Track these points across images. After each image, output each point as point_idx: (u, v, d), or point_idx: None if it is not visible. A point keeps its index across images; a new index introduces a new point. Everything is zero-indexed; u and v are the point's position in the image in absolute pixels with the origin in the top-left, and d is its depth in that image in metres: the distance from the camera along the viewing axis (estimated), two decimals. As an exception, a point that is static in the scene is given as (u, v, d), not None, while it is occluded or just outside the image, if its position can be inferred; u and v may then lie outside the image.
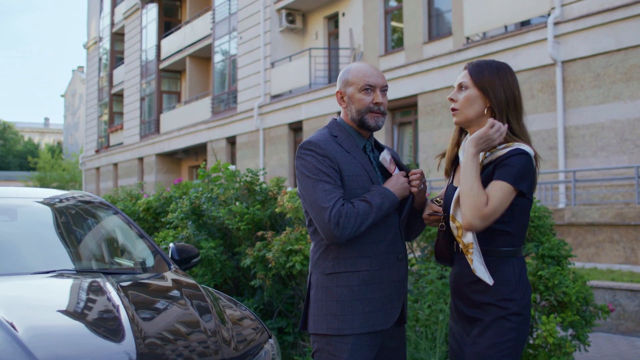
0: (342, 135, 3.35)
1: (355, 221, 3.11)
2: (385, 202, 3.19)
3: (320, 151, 3.22)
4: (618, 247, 12.91)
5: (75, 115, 68.28)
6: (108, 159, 43.02)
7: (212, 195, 6.80)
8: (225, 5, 29.94)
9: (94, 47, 48.31)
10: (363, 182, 3.26)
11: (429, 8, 20.40)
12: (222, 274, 6.65)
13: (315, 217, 3.18)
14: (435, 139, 19.14)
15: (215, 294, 4.15)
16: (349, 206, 3.13)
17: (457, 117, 3.25)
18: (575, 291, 5.33)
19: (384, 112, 3.37)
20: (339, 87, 3.41)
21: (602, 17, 14.67)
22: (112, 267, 4.58)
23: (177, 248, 4.92)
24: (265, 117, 26.31)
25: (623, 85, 14.33)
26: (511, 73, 3.21)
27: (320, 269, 3.30)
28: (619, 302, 8.71)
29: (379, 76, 3.37)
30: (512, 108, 3.16)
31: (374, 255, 3.26)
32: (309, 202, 3.20)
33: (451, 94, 3.27)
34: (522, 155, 3.04)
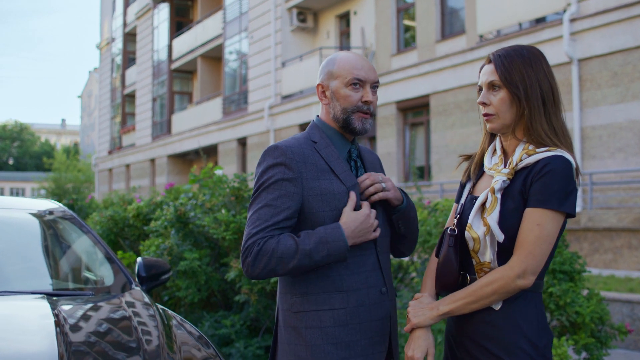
0: (323, 142, 2.81)
1: (267, 263, 2.58)
2: (321, 250, 2.60)
3: (282, 160, 2.69)
4: (637, 253, 12.35)
5: (91, 116, 68.48)
6: (120, 160, 42.82)
7: (198, 202, 6.32)
8: (236, 5, 29.61)
9: (107, 47, 48.23)
10: (336, 202, 2.71)
11: (442, 6, 19.94)
12: (208, 286, 6.17)
13: (243, 238, 2.69)
14: (448, 139, 18.65)
15: (172, 318, 3.65)
16: (271, 243, 2.59)
17: (493, 123, 2.66)
18: (590, 311, 4.81)
19: (372, 113, 2.83)
20: (321, 79, 2.86)
21: (619, 14, 14.17)
22: (60, 287, 4.05)
23: (144, 264, 4.43)
24: (276, 118, 25.92)
25: (642, 84, 13.79)
26: (545, 59, 2.64)
27: (287, 305, 2.77)
28: (637, 316, 8.17)
29: (369, 69, 2.82)
30: (551, 103, 2.59)
31: (350, 289, 2.71)
32: (248, 215, 2.71)
33: (481, 96, 2.69)
34: (564, 163, 2.47)
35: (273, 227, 2.61)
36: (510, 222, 2.51)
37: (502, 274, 2.46)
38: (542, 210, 2.44)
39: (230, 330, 5.83)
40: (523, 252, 2.44)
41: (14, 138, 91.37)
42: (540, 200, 2.44)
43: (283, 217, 2.63)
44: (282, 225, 2.63)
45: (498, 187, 2.56)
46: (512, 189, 2.55)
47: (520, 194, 2.52)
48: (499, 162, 2.67)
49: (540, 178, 2.46)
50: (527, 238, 2.44)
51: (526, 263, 2.43)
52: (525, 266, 2.43)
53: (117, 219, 8.51)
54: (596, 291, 5.20)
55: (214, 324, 6.02)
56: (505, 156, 2.67)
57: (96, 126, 56.97)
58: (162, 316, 3.55)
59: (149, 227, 6.81)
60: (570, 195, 2.46)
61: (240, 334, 5.87)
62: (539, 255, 2.44)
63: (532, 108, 2.55)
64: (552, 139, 2.55)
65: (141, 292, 3.99)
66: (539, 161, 2.50)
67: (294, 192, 2.66)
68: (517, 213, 2.51)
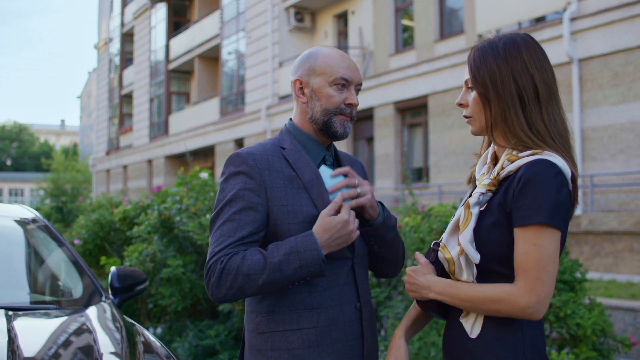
0: (293, 148, 2.54)
1: (233, 282, 2.30)
2: (292, 262, 2.32)
3: (243, 169, 2.43)
4: (638, 257, 12.10)
5: (90, 116, 68.35)
6: (118, 160, 42.60)
7: (182, 206, 6.06)
8: (234, 4, 29.40)
9: (105, 48, 48.04)
10: (304, 215, 2.43)
11: (441, 5, 19.71)
12: (193, 294, 5.92)
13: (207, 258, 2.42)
14: (447, 140, 18.41)
15: (138, 334, 3.38)
16: (235, 259, 2.31)
17: (473, 126, 2.33)
18: (592, 322, 4.54)
19: (354, 117, 2.56)
20: (299, 73, 2.57)
21: (621, 12, 13.92)
22: (22, 301, 3.75)
23: (118, 274, 4.16)
24: (273, 119, 25.68)
25: (644, 84, 13.55)
26: (528, 48, 2.23)
27: (252, 326, 2.49)
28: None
29: (355, 69, 2.56)
30: (531, 99, 2.18)
31: (321, 306, 2.43)
32: (210, 233, 2.44)
33: (459, 97, 2.36)
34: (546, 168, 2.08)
35: (237, 243, 2.34)
36: (487, 239, 2.16)
37: (510, 299, 2.08)
38: (533, 228, 2.06)
39: (215, 340, 5.59)
40: (530, 279, 2.06)
41: (12, 139, 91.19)
42: (527, 216, 2.07)
43: (247, 231, 2.37)
44: (248, 240, 2.37)
45: (474, 201, 2.22)
46: (493, 201, 2.20)
47: (500, 206, 2.16)
48: (485, 171, 2.33)
49: (521, 189, 2.09)
50: (528, 263, 2.07)
51: (536, 293, 2.05)
52: (536, 298, 2.05)
53: (103, 222, 8.26)
54: (598, 301, 4.94)
55: (198, 334, 5.77)
56: (495, 164, 2.33)
57: (94, 127, 56.79)
58: (128, 332, 3.28)
59: (131, 232, 6.55)
60: (559, 206, 2.07)
61: (225, 345, 5.62)
62: (547, 281, 2.06)
63: (505, 107, 2.18)
64: (534, 140, 2.16)
65: (109, 305, 3.72)
66: (520, 167, 2.13)
67: (258, 203, 2.40)
68: (496, 229, 2.15)
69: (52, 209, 12.36)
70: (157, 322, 6.65)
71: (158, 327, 6.50)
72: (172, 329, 6.18)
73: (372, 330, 2.59)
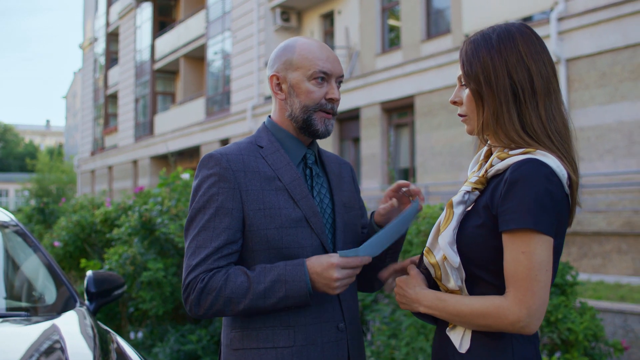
0: (271, 146, 2.37)
1: (213, 303, 2.17)
2: (277, 291, 2.16)
3: (215, 171, 2.26)
4: (626, 257, 12.02)
5: (75, 117, 68.11)
6: (103, 161, 42.34)
7: (164, 207, 5.91)
8: (219, 4, 29.24)
9: (90, 48, 47.78)
10: (282, 219, 2.26)
11: (427, 5, 19.62)
12: (174, 298, 5.76)
13: (183, 271, 2.26)
14: (433, 141, 18.31)
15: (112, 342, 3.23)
16: (217, 279, 2.16)
17: (469, 125, 2.16)
18: (584, 327, 4.43)
19: (335, 113, 2.39)
20: (276, 68, 2.40)
21: (608, 12, 13.85)
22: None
23: (95, 278, 4.00)
24: (259, 119, 25.53)
25: (631, 84, 13.49)
26: (525, 39, 2.05)
27: (227, 341, 2.33)
28: (631, 327, 7.78)
29: (335, 61, 2.38)
30: (528, 94, 2.01)
31: (299, 324, 2.26)
32: (185, 243, 2.28)
33: (453, 94, 2.19)
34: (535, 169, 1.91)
35: (216, 256, 2.19)
36: (472, 241, 2.00)
37: (498, 313, 1.91)
38: (522, 234, 1.88)
39: (197, 346, 5.44)
40: (520, 290, 1.89)
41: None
42: (511, 220, 1.90)
43: (223, 240, 2.21)
44: (226, 251, 2.21)
45: (457, 199, 2.06)
46: (480, 201, 2.04)
47: (486, 207, 2.00)
48: (477, 169, 2.18)
49: (507, 191, 1.92)
50: (517, 272, 1.90)
51: (527, 305, 1.88)
52: (527, 310, 1.88)
53: (84, 224, 8.10)
54: (589, 305, 4.83)
55: (179, 339, 5.62)
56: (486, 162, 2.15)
57: (79, 127, 56.48)
58: (101, 339, 3.13)
59: (111, 234, 6.39)
60: (546, 210, 1.89)
61: (207, 350, 5.48)
62: (539, 291, 1.89)
63: (497, 104, 2.02)
64: (527, 140, 2.00)
65: (84, 312, 3.57)
66: (509, 167, 1.97)
67: (233, 207, 2.24)
68: (482, 231, 1.99)
69: (33, 210, 12.17)
70: (138, 326, 6.50)
71: (139, 331, 6.34)
72: (154, 333, 6.03)
73: (360, 350, 2.43)
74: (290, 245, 2.25)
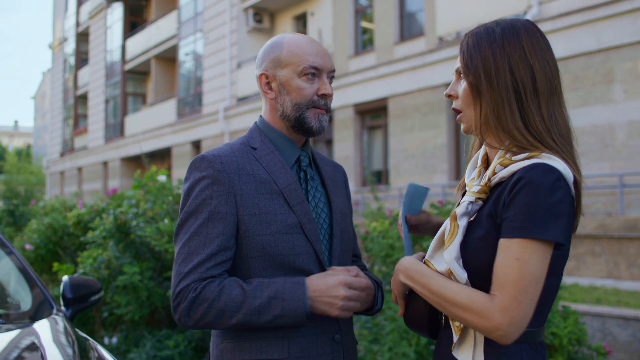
0: (265, 148, 2.26)
1: (205, 314, 2.05)
2: (273, 308, 2.06)
3: (209, 173, 2.14)
4: (600, 260, 12.07)
5: (44, 117, 67.54)
6: (72, 162, 41.94)
7: (139, 210, 5.79)
8: (191, 5, 29.08)
9: (59, 48, 47.30)
10: (278, 225, 2.15)
11: (401, 7, 19.61)
12: (150, 302, 5.65)
13: (172, 277, 2.15)
14: (407, 143, 18.31)
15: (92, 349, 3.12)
16: (211, 289, 2.05)
17: (464, 122, 2.06)
18: (568, 332, 4.38)
19: (329, 109, 2.29)
20: (265, 67, 2.28)
21: (582, 16, 13.94)
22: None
23: (71, 283, 3.88)
24: (231, 120, 25.39)
25: (604, 87, 13.56)
26: (530, 35, 1.96)
27: (217, 352, 2.22)
28: (609, 330, 7.79)
29: (325, 55, 2.26)
30: (530, 93, 1.91)
31: (294, 335, 2.15)
32: (175, 251, 2.16)
33: (449, 87, 2.08)
34: (543, 174, 1.80)
35: (209, 264, 2.08)
36: (476, 254, 1.90)
37: (481, 313, 1.81)
38: (519, 241, 1.78)
39: (174, 351, 5.32)
40: (506, 297, 1.78)
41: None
42: (515, 228, 1.79)
43: (217, 246, 2.09)
44: (220, 258, 2.10)
45: (461, 211, 1.95)
46: (483, 211, 1.93)
47: (490, 217, 1.89)
48: (476, 176, 2.05)
49: (513, 198, 1.81)
50: (507, 279, 1.79)
51: (510, 314, 1.77)
52: (509, 320, 1.77)
53: (56, 227, 7.95)
54: (572, 309, 4.79)
55: (156, 344, 5.50)
56: (486, 168, 2.05)
57: (48, 128, 55.95)
58: (81, 347, 3.02)
59: (85, 237, 6.26)
60: (556, 217, 1.78)
61: (184, 356, 5.36)
62: (526, 303, 1.77)
63: (498, 100, 1.91)
64: (530, 140, 1.89)
65: (61, 319, 3.45)
66: (514, 173, 1.86)
67: (227, 212, 2.12)
68: (486, 243, 1.88)
69: (3, 212, 11.95)
70: (113, 331, 6.37)
71: (113, 336, 6.22)
72: (129, 338, 5.91)
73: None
74: (287, 252, 2.14)
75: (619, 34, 13.47)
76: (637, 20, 13.26)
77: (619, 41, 13.46)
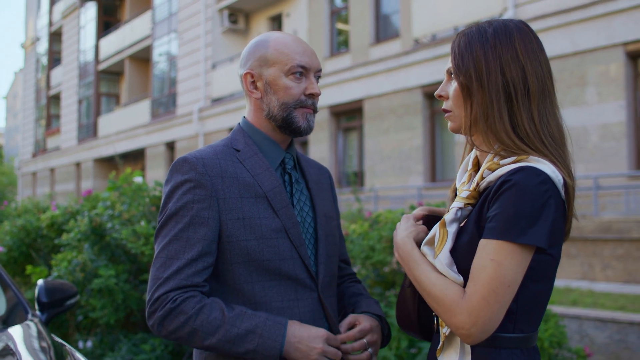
0: (248, 150, 2.19)
1: (178, 328, 1.98)
2: (248, 342, 1.98)
3: (191, 176, 2.07)
4: (575, 262, 12.12)
5: (16, 117, 67.02)
6: (45, 163, 41.54)
7: (115, 212, 5.70)
8: (166, 5, 28.92)
9: (32, 47, 46.88)
10: (263, 229, 2.09)
11: (376, 9, 19.61)
12: (126, 305, 5.57)
13: (149, 282, 2.08)
14: (382, 145, 18.30)
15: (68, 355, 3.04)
16: (191, 304, 1.98)
17: (452, 122, 2.02)
18: (549, 335, 4.37)
19: (316, 109, 2.23)
20: (250, 66, 2.21)
21: (557, 19, 14.02)
22: None
23: (46, 288, 3.80)
24: (205, 122, 25.27)
25: (579, 90, 13.64)
26: (522, 36, 1.92)
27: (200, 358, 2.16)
28: (586, 332, 7.80)
29: (312, 54, 2.22)
30: (522, 95, 1.87)
31: None
32: (154, 255, 2.08)
33: (439, 87, 2.05)
34: (529, 177, 1.77)
35: (189, 270, 2.01)
36: (465, 259, 1.86)
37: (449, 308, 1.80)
38: (496, 242, 1.76)
39: (150, 355, 5.25)
40: (475, 296, 1.77)
41: None
42: (494, 229, 1.77)
43: (197, 251, 2.02)
44: (200, 265, 2.03)
45: (450, 217, 1.92)
46: (471, 216, 1.91)
47: (476, 222, 1.87)
48: (466, 180, 2.02)
49: (496, 200, 1.79)
50: (479, 278, 1.77)
51: (476, 315, 1.76)
52: (474, 320, 1.76)
53: (29, 228, 7.81)
54: (553, 311, 4.77)
55: (132, 348, 5.42)
56: (477, 171, 2.01)
57: (20, 128, 55.50)
58: (57, 353, 2.95)
59: (60, 239, 6.16)
60: (538, 220, 1.75)
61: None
62: (494, 306, 1.75)
63: (487, 102, 1.88)
64: (518, 143, 1.85)
65: (36, 324, 3.37)
66: (500, 177, 1.82)
67: (209, 217, 2.05)
68: (472, 247, 1.86)
69: (-26, 213, 11.78)
70: (88, 335, 6.28)
71: (88, 340, 6.12)
72: (104, 342, 5.82)
73: None
74: (272, 257, 2.09)
75: (593, 37, 13.56)
76: (611, 23, 13.35)
77: (593, 44, 13.55)
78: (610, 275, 11.71)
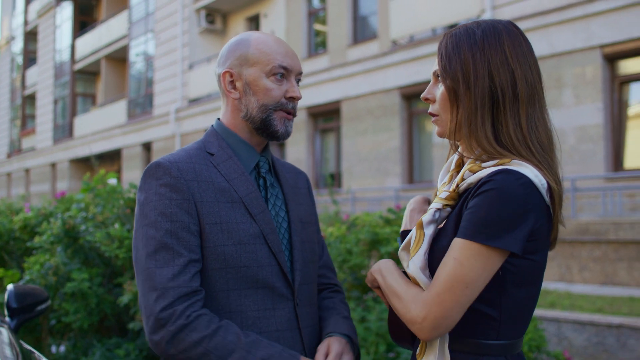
0: (222, 153, 2.11)
1: (190, 347, 1.87)
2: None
3: (166, 181, 1.98)
4: (552, 264, 12.13)
5: (-10, 118, 66.28)
6: (20, 164, 41.18)
7: (89, 214, 5.60)
8: (143, 5, 28.76)
9: (7, 46, 46.49)
10: (240, 235, 2.01)
11: (354, 10, 19.59)
12: (100, 309, 5.47)
13: (141, 296, 1.96)
14: (360, 146, 18.27)
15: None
16: (204, 323, 1.89)
17: (439, 126, 1.96)
18: (528, 339, 4.33)
19: (295, 114, 2.16)
20: (229, 64, 2.13)
21: (535, 21, 14.05)
22: None
23: (16, 293, 3.70)
24: (182, 122, 25.13)
25: (556, 92, 13.67)
26: (512, 38, 1.87)
27: None
28: (564, 335, 7.78)
29: (294, 56, 2.16)
30: (509, 100, 1.81)
31: None
32: (139, 267, 1.98)
33: (426, 90, 1.98)
34: (508, 181, 1.71)
35: (185, 278, 1.91)
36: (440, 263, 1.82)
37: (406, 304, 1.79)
38: (463, 242, 1.72)
39: (124, 360, 5.15)
40: (431, 291, 1.74)
41: None
42: (463, 228, 1.74)
43: (186, 259, 1.94)
44: (193, 269, 1.94)
45: (427, 219, 1.86)
46: (450, 219, 1.86)
47: (455, 225, 1.82)
48: (447, 181, 1.98)
49: (472, 200, 1.76)
50: (439, 274, 1.74)
51: (429, 310, 1.74)
52: (425, 314, 1.74)
53: (1, 231, 7.66)
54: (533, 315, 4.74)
55: (106, 353, 5.33)
56: (459, 172, 1.94)
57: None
58: None
59: (32, 242, 6.05)
60: (513, 225, 1.70)
61: (135, 365, 5.20)
62: (448, 304, 1.72)
63: (472, 107, 1.82)
64: (500, 150, 1.80)
65: (5, 330, 3.28)
66: (481, 179, 1.78)
67: (188, 221, 1.96)
68: None
69: (-54, 215, 11.58)
70: (60, 340, 6.17)
71: (61, 345, 6.02)
72: (77, 347, 5.71)
73: None
74: (250, 264, 2.01)
75: (570, 39, 13.60)
76: (588, 26, 13.39)
77: (570, 46, 13.59)
78: (588, 277, 11.73)
